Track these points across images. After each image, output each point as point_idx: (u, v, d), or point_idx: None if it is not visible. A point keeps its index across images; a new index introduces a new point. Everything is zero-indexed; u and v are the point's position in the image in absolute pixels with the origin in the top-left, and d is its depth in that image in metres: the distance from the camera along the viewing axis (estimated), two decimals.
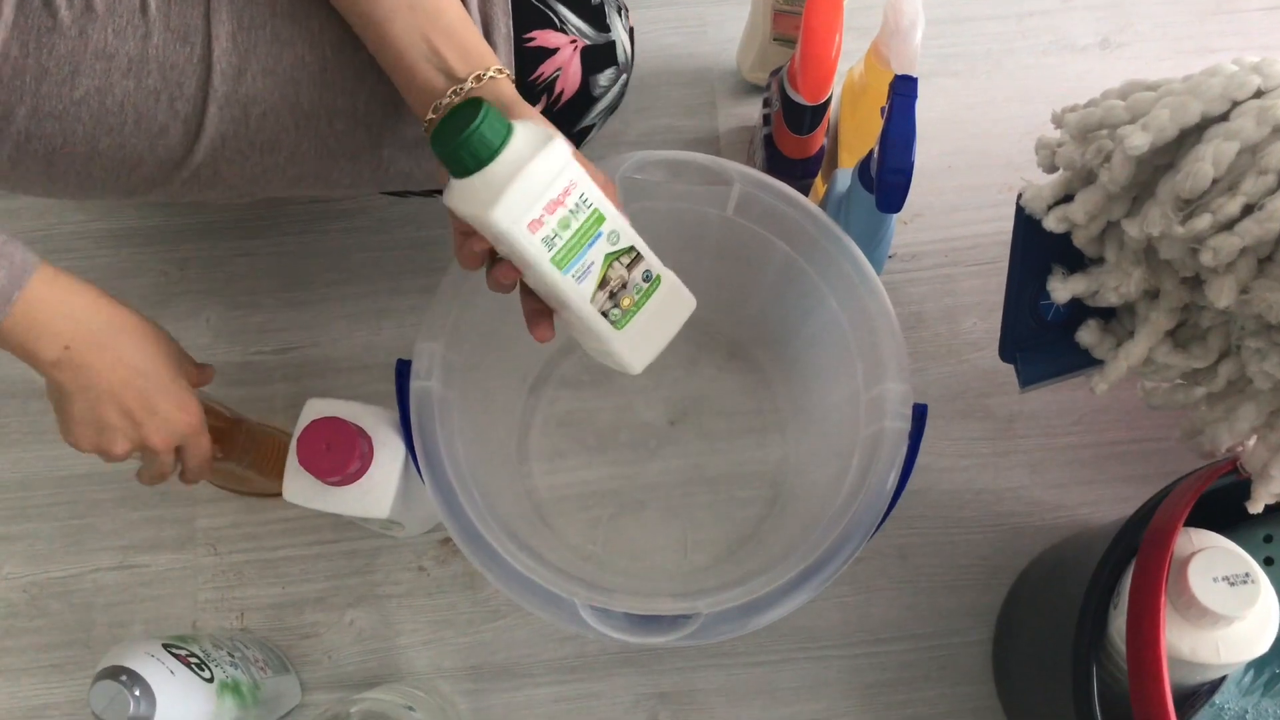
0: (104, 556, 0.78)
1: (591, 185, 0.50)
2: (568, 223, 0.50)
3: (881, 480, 0.61)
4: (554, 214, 0.49)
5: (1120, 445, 0.81)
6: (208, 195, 0.66)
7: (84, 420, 0.58)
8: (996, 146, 0.88)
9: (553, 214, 0.49)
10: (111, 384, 0.58)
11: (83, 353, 0.56)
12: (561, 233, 0.50)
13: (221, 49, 0.59)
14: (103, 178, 0.61)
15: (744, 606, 0.59)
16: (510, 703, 0.76)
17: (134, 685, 0.58)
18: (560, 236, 0.50)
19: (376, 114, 0.62)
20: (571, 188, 0.49)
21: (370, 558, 0.78)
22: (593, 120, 0.68)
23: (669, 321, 0.57)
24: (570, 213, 0.50)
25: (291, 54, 0.60)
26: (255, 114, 0.60)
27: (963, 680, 0.77)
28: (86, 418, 0.58)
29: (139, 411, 0.59)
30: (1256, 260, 0.48)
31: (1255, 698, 0.57)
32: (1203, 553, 0.54)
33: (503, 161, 0.49)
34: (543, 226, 0.49)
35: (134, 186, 0.63)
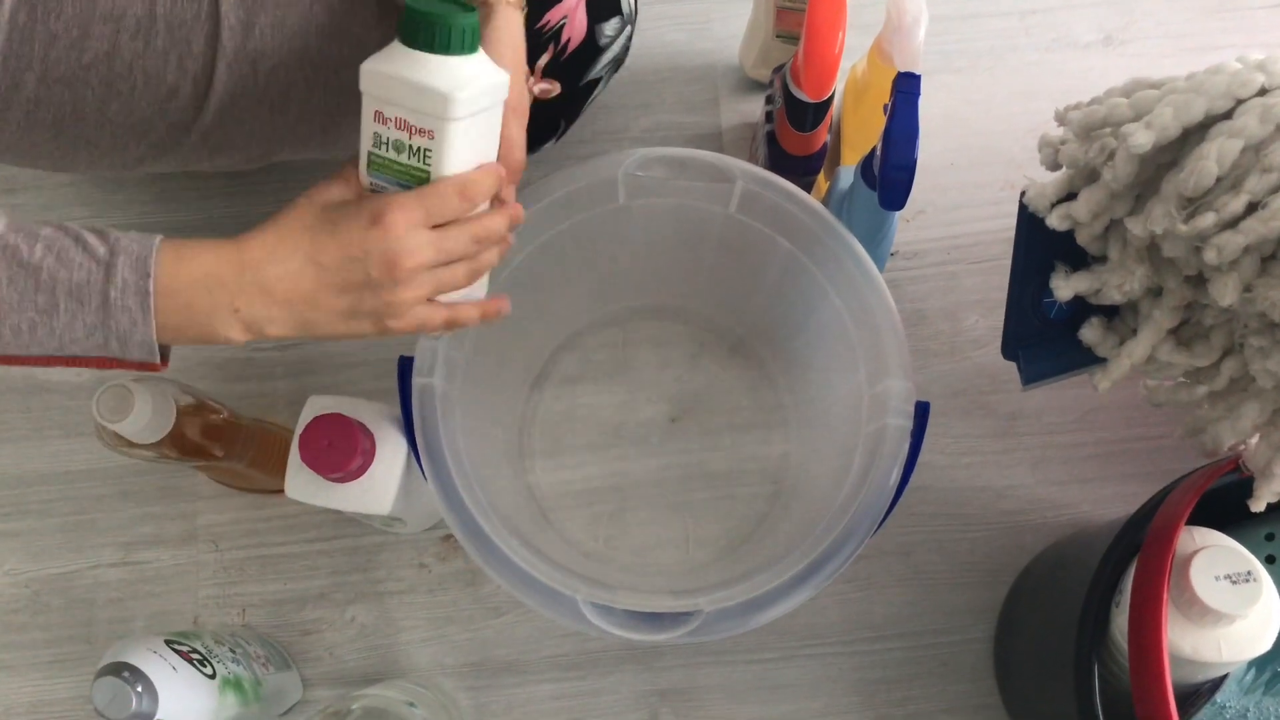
0: (105, 553, 0.79)
1: (454, 156, 0.50)
2: (400, 147, 0.50)
3: (883, 477, 0.61)
4: (403, 133, 0.49)
5: (1122, 443, 0.81)
6: (216, 161, 0.65)
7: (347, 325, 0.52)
8: (999, 144, 0.87)
9: (402, 133, 0.49)
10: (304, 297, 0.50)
11: (252, 306, 0.50)
12: (391, 153, 0.50)
13: (229, 4, 0.58)
14: (112, 145, 0.61)
15: (745, 604, 0.59)
16: (512, 699, 0.76)
17: (136, 681, 0.58)
18: (388, 153, 0.50)
19: None
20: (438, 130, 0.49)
21: (372, 554, 0.78)
22: (599, 73, 0.68)
23: None
24: (409, 147, 0.49)
25: (299, 7, 0.59)
26: (264, 69, 0.60)
27: (964, 678, 0.77)
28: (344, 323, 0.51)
29: (354, 277, 0.50)
30: (1260, 259, 0.48)
31: (1257, 696, 0.57)
32: (1205, 551, 0.54)
33: (466, 61, 0.49)
34: (387, 127, 0.49)
35: (143, 154, 0.62)
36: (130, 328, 0.48)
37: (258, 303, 0.49)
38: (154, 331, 0.48)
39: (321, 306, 0.50)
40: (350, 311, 0.51)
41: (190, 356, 0.82)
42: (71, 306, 0.47)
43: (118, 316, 0.47)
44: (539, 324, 0.78)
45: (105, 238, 0.48)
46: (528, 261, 0.66)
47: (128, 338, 0.48)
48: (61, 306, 0.47)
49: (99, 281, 0.47)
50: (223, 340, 0.50)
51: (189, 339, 0.50)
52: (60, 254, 0.47)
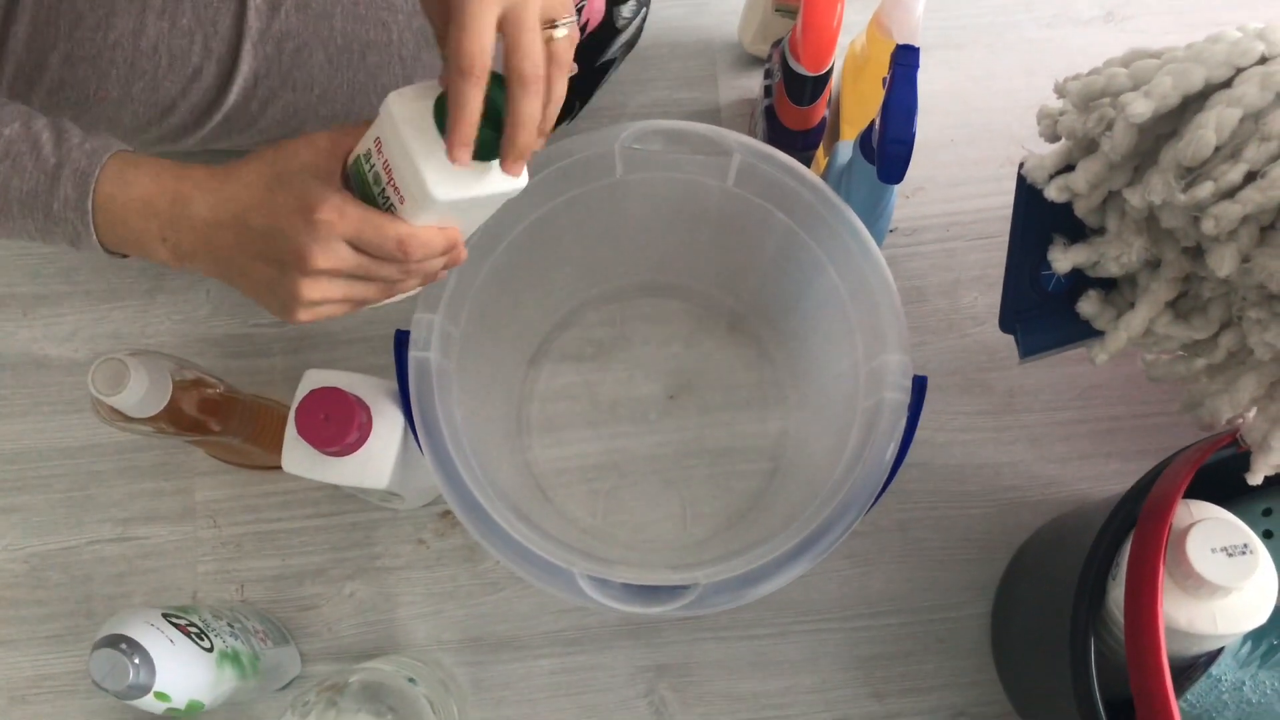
0: (104, 528, 0.79)
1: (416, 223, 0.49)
2: (378, 181, 0.49)
3: (880, 452, 0.60)
4: (385, 175, 0.49)
5: (1121, 420, 0.81)
6: (238, 141, 0.65)
7: (258, 293, 0.51)
8: (999, 120, 0.87)
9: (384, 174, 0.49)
10: (227, 251, 0.50)
11: (179, 239, 0.50)
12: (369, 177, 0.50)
13: None
14: (134, 124, 0.61)
15: (742, 577, 0.59)
16: (510, 674, 0.76)
17: (134, 653, 0.58)
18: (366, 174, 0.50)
19: (410, 45, 0.62)
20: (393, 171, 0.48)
21: (370, 530, 0.79)
22: (613, 54, 0.68)
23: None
24: (383, 191, 0.49)
25: None
26: (289, 50, 0.60)
27: (960, 654, 0.77)
28: (255, 290, 0.51)
29: (271, 250, 0.49)
30: (1258, 228, 0.48)
31: (1253, 669, 0.58)
32: (1201, 524, 0.54)
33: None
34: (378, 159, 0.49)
35: (165, 133, 0.63)
36: (74, 236, 0.50)
37: (185, 239, 0.50)
38: (96, 241, 0.50)
39: (237, 265, 0.50)
40: (263, 281, 0.50)
41: (188, 333, 0.82)
42: (21, 212, 0.50)
43: (61, 226, 0.50)
44: (536, 300, 0.78)
45: (61, 143, 0.49)
46: (523, 235, 0.66)
47: (76, 241, 0.51)
48: (14, 210, 0.50)
49: (44, 193, 0.49)
50: (156, 259, 0.51)
51: (129, 251, 0.52)
52: (15, 160, 0.49)
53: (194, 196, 0.49)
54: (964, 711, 0.76)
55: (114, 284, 0.82)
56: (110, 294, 0.82)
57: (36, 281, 0.82)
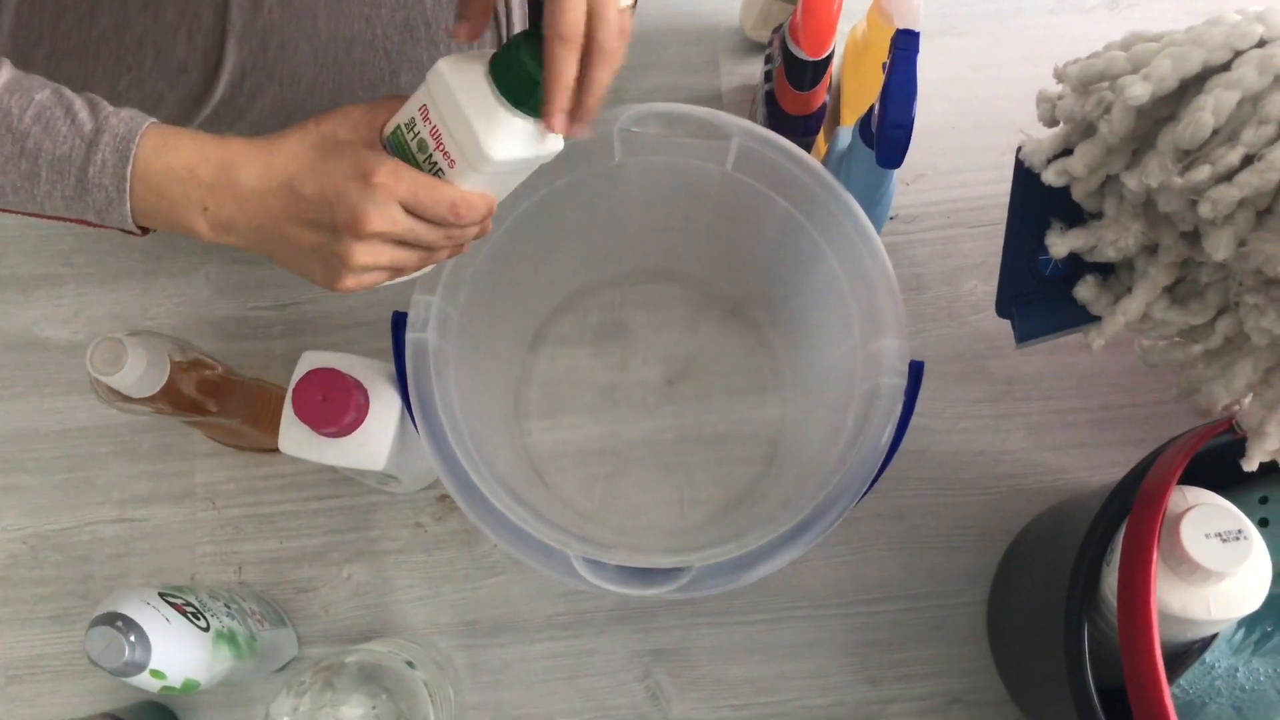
0: (103, 510, 0.79)
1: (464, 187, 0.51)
2: (423, 148, 0.50)
3: (876, 436, 0.60)
4: (433, 141, 0.50)
5: (1120, 409, 0.80)
6: (227, 134, 0.65)
7: (301, 261, 0.51)
8: (1001, 108, 0.87)
9: (432, 140, 0.50)
10: (272, 219, 0.50)
11: (220, 207, 0.49)
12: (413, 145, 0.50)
13: None
14: None
15: (736, 560, 0.59)
16: (506, 658, 0.77)
17: (129, 631, 0.58)
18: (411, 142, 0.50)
19: (394, 39, 0.62)
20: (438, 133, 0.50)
21: (368, 514, 0.79)
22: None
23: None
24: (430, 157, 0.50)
25: None
26: (274, 45, 0.60)
27: (956, 641, 0.77)
28: (298, 258, 0.51)
29: (323, 216, 0.49)
30: (1255, 212, 0.48)
31: (1246, 655, 0.58)
32: (1196, 509, 0.54)
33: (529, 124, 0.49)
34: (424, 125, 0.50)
35: None
36: (106, 205, 0.49)
37: (227, 207, 0.49)
38: (129, 211, 0.49)
39: (283, 233, 0.50)
40: (309, 249, 0.50)
41: (188, 314, 0.82)
42: (51, 177, 0.48)
43: (94, 193, 0.48)
44: (535, 284, 0.78)
45: (96, 111, 0.49)
46: (523, 218, 0.66)
47: (104, 212, 0.49)
48: (43, 176, 0.48)
49: (79, 158, 0.48)
50: (190, 232, 0.50)
51: (160, 224, 0.50)
52: (48, 124, 0.48)
53: (239, 164, 0.49)
54: (959, 698, 0.76)
55: (114, 267, 0.82)
56: (110, 276, 0.82)
57: (37, 263, 0.82)
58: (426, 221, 0.50)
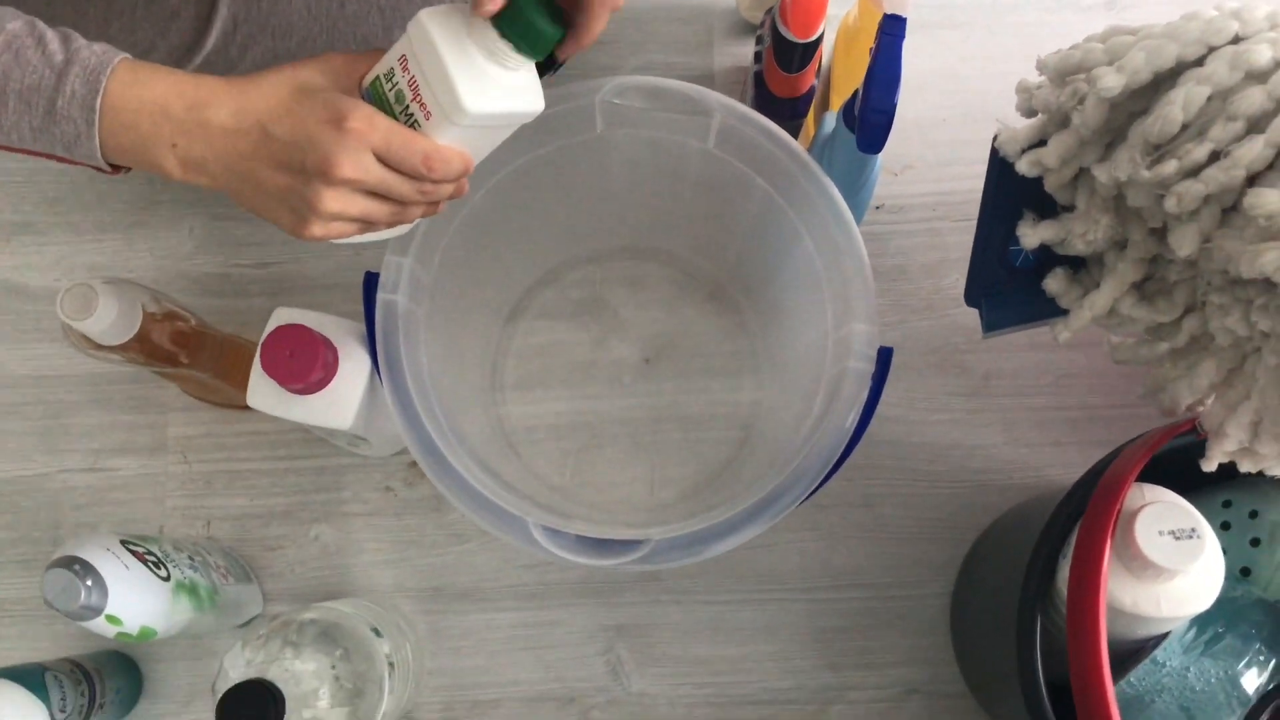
0: (75, 458, 0.79)
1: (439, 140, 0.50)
2: (400, 99, 0.50)
3: (840, 420, 0.60)
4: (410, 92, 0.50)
5: (1094, 409, 0.80)
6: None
7: (268, 205, 0.50)
8: (993, 102, 0.85)
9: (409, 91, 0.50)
10: (243, 159, 0.49)
11: (191, 145, 0.49)
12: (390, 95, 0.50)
13: None
14: None
15: (693, 535, 0.59)
16: (470, 625, 0.77)
17: (87, 575, 0.59)
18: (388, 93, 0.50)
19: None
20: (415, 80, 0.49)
21: (338, 475, 0.79)
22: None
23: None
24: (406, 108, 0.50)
25: None
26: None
27: (919, 631, 0.77)
28: (266, 202, 0.50)
29: (294, 159, 0.48)
30: (1220, 209, 0.48)
31: (1196, 655, 0.58)
32: (1150, 506, 0.54)
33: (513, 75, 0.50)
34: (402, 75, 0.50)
35: None
36: (74, 138, 0.48)
37: (197, 145, 0.49)
38: (98, 145, 0.48)
39: (253, 174, 0.49)
40: (277, 192, 0.49)
41: (169, 268, 0.82)
42: (19, 107, 0.47)
43: (62, 125, 0.48)
44: (515, 256, 0.78)
45: (68, 43, 0.48)
46: (501, 186, 0.66)
47: (72, 145, 0.48)
48: (10, 105, 0.47)
49: (49, 88, 0.47)
50: (159, 170, 0.50)
51: (129, 160, 0.50)
52: (18, 53, 0.47)
53: (212, 102, 0.49)
54: (918, 688, 0.76)
55: (98, 216, 0.83)
56: (94, 226, 0.82)
57: (19, 210, 0.83)
58: (399, 173, 0.50)
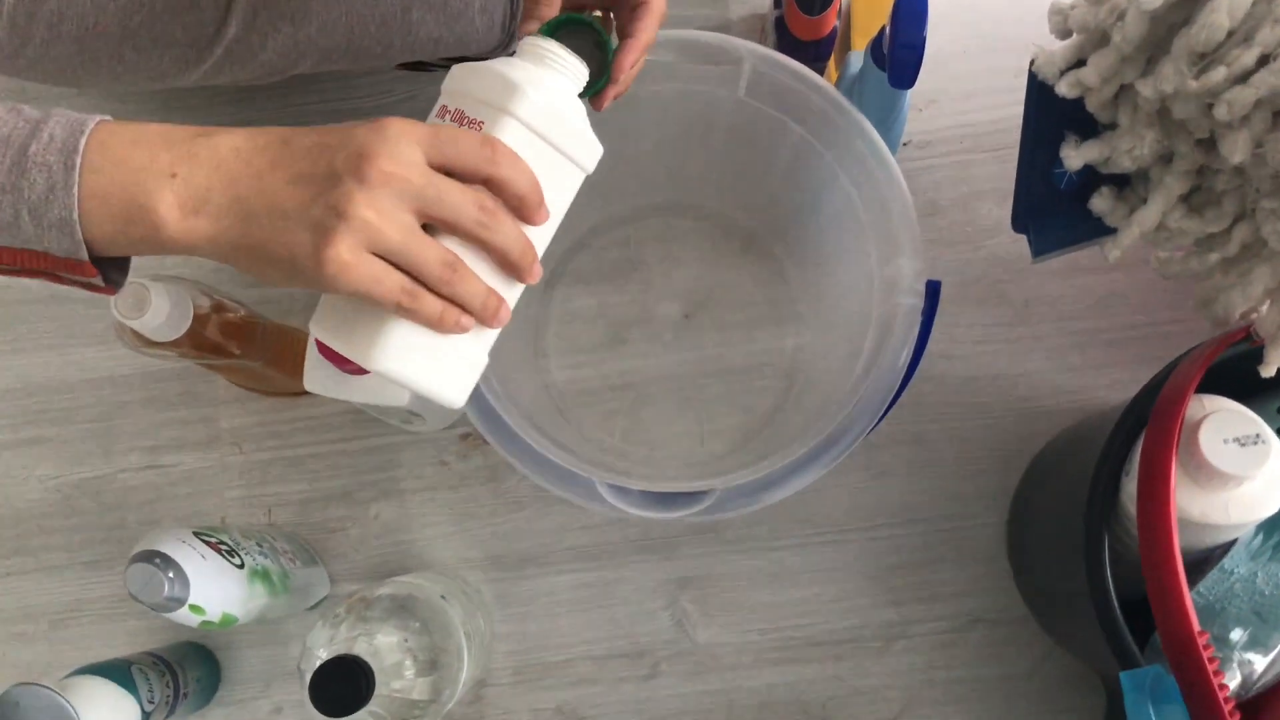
0: (132, 457, 0.80)
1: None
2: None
3: (894, 358, 0.61)
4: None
5: (1137, 329, 0.81)
6: (240, 75, 0.66)
7: (282, 241, 0.41)
8: (1013, 30, 0.86)
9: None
10: (255, 177, 0.42)
11: (191, 174, 0.41)
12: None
13: None
14: (136, 60, 0.61)
15: (756, 482, 0.60)
16: (534, 590, 0.78)
17: (168, 568, 0.60)
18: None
19: None
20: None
21: (392, 454, 0.80)
22: None
23: None
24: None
25: None
26: None
27: (977, 561, 0.78)
28: (281, 237, 0.41)
29: (319, 164, 0.41)
30: (1271, 113, 0.48)
31: (1264, 560, 0.58)
32: (1213, 415, 0.54)
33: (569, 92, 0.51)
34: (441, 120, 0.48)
35: (167, 69, 0.63)
36: (46, 191, 0.40)
37: (201, 170, 0.41)
38: (75, 198, 0.40)
39: (266, 197, 0.41)
40: (293, 210, 0.41)
41: (205, 264, 0.82)
42: None
43: (32, 176, 0.40)
44: None
45: (47, 111, 0.42)
46: None
47: (41, 205, 0.40)
48: None
49: (20, 136, 0.40)
50: (149, 220, 0.41)
51: (112, 208, 0.41)
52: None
53: (221, 131, 0.43)
54: (981, 617, 0.77)
55: None
56: None
57: None
58: (451, 180, 0.42)
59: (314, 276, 0.41)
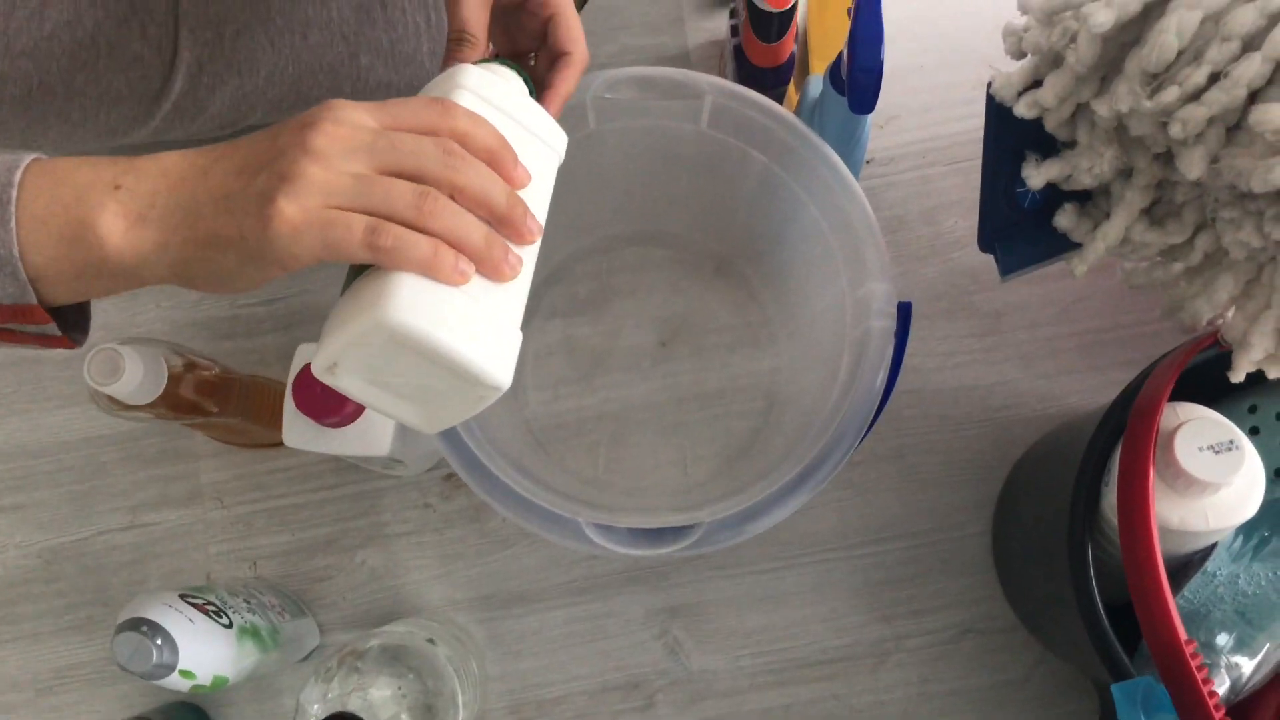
0: (113, 518, 0.80)
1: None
2: None
3: (870, 380, 0.61)
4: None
5: (1106, 332, 0.82)
6: (192, 129, 0.65)
7: (227, 227, 0.38)
8: (968, 42, 0.87)
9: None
10: (200, 176, 0.39)
11: (136, 184, 0.39)
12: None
13: None
14: (83, 118, 0.61)
15: (743, 513, 0.60)
16: (524, 628, 0.78)
17: (155, 635, 0.59)
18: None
19: (350, 21, 0.62)
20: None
21: (375, 499, 0.80)
22: None
23: None
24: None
25: None
26: (229, 34, 0.60)
27: (964, 572, 0.78)
28: (224, 225, 0.38)
29: (262, 152, 0.39)
30: (1224, 129, 0.49)
31: (1245, 561, 0.59)
32: (1188, 424, 0.55)
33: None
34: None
35: (116, 125, 0.62)
36: None
37: (146, 178, 0.39)
38: (14, 235, 0.38)
39: (212, 183, 0.39)
40: (237, 197, 0.38)
41: (176, 318, 0.82)
42: None
43: None
44: None
45: None
46: None
47: None
48: None
49: None
50: (92, 233, 0.38)
51: (53, 237, 0.39)
52: None
53: (165, 154, 0.41)
54: (971, 627, 0.78)
55: None
56: None
57: None
58: (405, 134, 0.39)
59: (267, 247, 0.38)
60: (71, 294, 0.41)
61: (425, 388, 0.42)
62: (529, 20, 0.52)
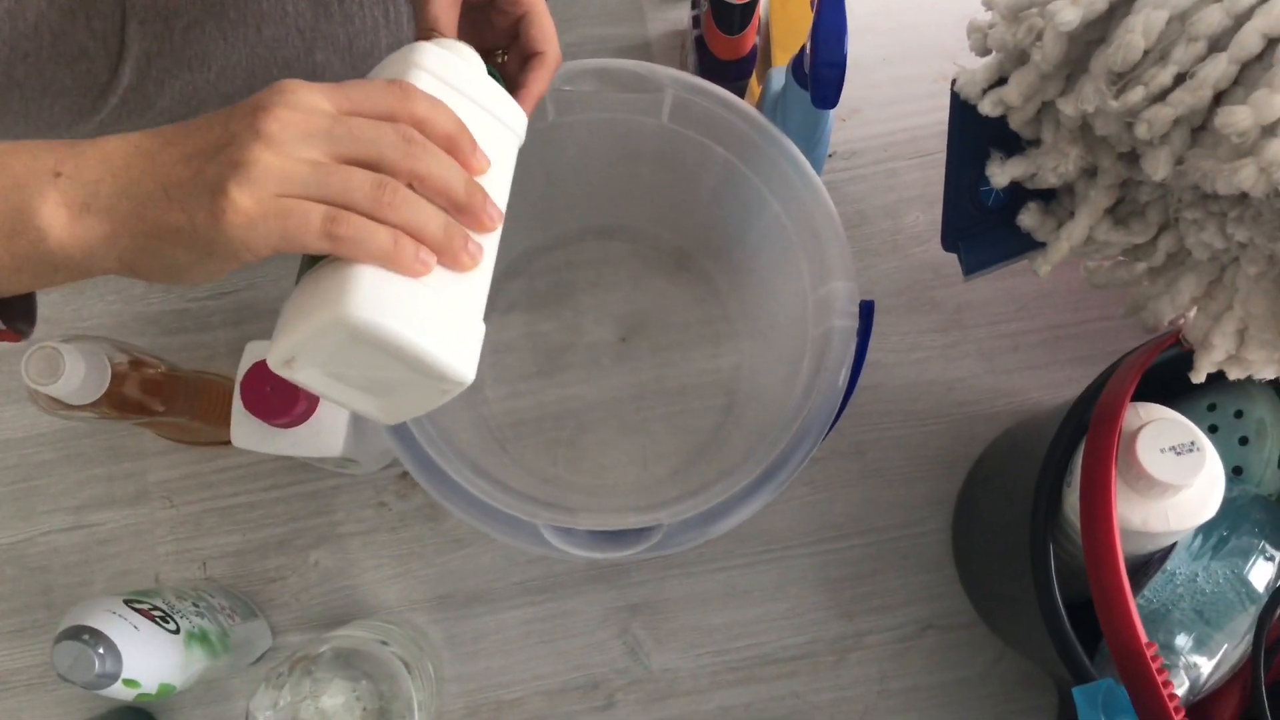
0: (56, 518, 0.77)
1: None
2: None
3: (832, 379, 0.61)
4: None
5: (1067, 328, 0.82)
6: (139, 125, 0.63)
7: (174, 216, 0.37)
8: (931, 36, 0.86)
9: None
10: (147, 162, 0.38)
11: (78, 170, 0.37)
12: None
13: None
14: (24, 110, 0.59)
15: (705, 514, 0.59)
16: (483, 627, 0.77)
17: (98, 644, 0.57)
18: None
19: (306, 15, 0.60)
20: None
21: (329, 498, 0.78)
22: None
23: None
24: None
25: None
26: (179, 28, 0.58)
27: (924, 568, 0.78)
28: (172, 215, 0.37)
29: (211, 137, 0.37)
30: (1190, 130, 0.48)
31: (1205, 560, 0.59)
32: (1150, 425, 0.55)
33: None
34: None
35: (58, 119, 0.60)
36: None
37: (89, 165, 0.37)
38: None
39: (160, 170, 0.37)
40: (190, 176, 0.37)
41: (123, 312, 0.80)
42: None
43: None
44: None
45: None
46: None
47: None
48: None
49: None
50: (34, 221, 0.37)
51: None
52: None
53: (108, 138, 0.39)
54: (932, 624, 0.78)
55: None
56: None
57: None
58: (362, 119, 0.38)
59: (220, 239, 0.36)
60: (12, 287, 0.39)
61: (386, 380, 0.41)
62: (499, 18, 0.51)
